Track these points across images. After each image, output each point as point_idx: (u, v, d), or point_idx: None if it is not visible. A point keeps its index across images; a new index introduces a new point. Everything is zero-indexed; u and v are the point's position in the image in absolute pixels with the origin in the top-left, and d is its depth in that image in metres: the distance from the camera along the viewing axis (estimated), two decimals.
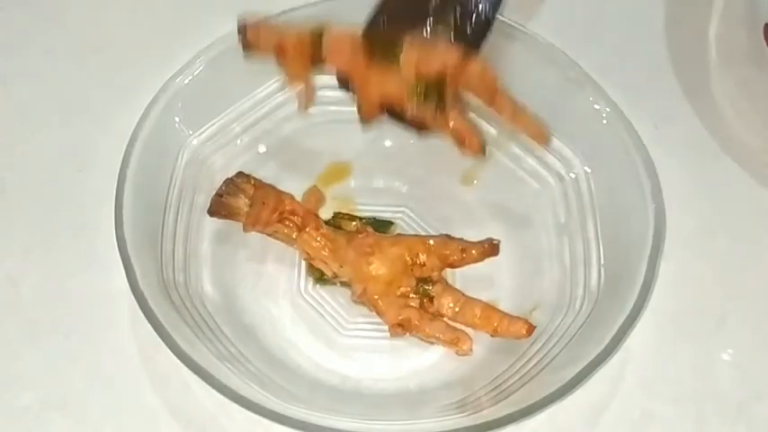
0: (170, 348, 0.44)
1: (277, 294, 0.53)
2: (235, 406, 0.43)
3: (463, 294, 0.51)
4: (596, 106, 0.52)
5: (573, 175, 0.54)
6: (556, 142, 0.54)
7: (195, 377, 0.44)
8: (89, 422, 0.49)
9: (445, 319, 0.51)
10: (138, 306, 0.45)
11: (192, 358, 0.44)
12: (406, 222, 0.56)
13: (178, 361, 0.44)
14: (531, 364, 0.48)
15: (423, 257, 0.51)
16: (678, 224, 0.52)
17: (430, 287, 0.51)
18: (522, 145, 0.56)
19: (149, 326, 0.45)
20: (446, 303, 0.51)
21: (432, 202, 0.56)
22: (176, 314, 0.48)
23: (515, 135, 0.56)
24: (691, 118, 0.60)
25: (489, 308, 0.51)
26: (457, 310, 0.50)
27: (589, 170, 0.53)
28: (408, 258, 0.51)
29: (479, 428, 0.43)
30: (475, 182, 0.57)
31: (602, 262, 0.51)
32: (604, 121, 0.52)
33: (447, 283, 0.52)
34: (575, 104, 0.53)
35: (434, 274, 0.51)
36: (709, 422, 0.50)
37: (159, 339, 0.44)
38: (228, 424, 0.49)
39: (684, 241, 0.54)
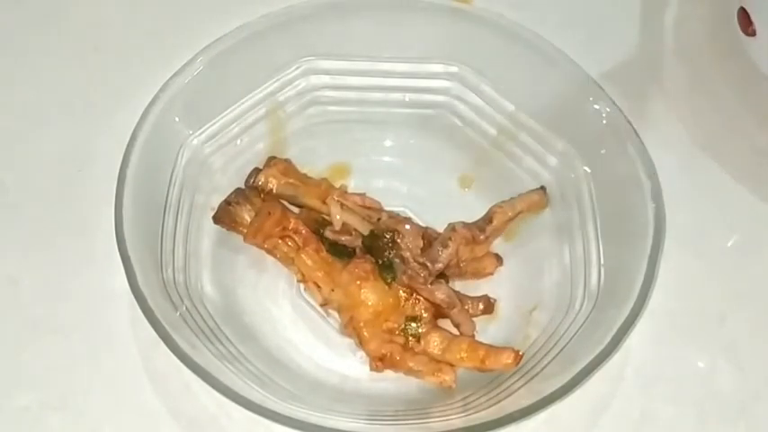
0: (170, 348, 0.44)
1: (277, 294, 0.53)
2: (234, 406, 0.43)
3: (450, 332, 0.51)
4: (596, 106, 0.52)
5: (573, 176, 0.54)
6: (556, 142, 0.54)
7: (195, 377, 0.44)
8: (89, 422, 0.49)
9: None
10: (137, 306, 0.45)
11: (192, 358, 0.44)
12: None
13: (178, 361, 0.44)
14: (531, 364, 0.48)
15: (417, 296, 0.51)
16: (678, 224, 0.52)
17: (418, 326, 0.50)
18: (523, 145, 0.56)
19: (149, 326, 0.45)
20: (432, 341, 0.50)
21: (432, 202, 0.56)
22: (176, 314, 0.47)
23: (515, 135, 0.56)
24: (690, 117, 0.60)
25: (475, 342, 0.50)
26: (443, 347, 0.49)
27: (589, 170, 0.53)
28: (403, 294, 0.50)
29: (479, 428, 0.43)
30: (466, 189, 0.57)
31: (602, 262, 0.51)
32: (604, 122, 0.52)
33: (435, 323, 0.51)
34: (575, 104, 0.53)
35: (425, 315, 0.50)
36: (709, 422, 0.50)
37: (159, 339, 0.44)
38: (228, 424, 0.49)
39: (684, 241, 0.54)
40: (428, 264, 0.50)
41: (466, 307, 0.52)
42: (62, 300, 0.53)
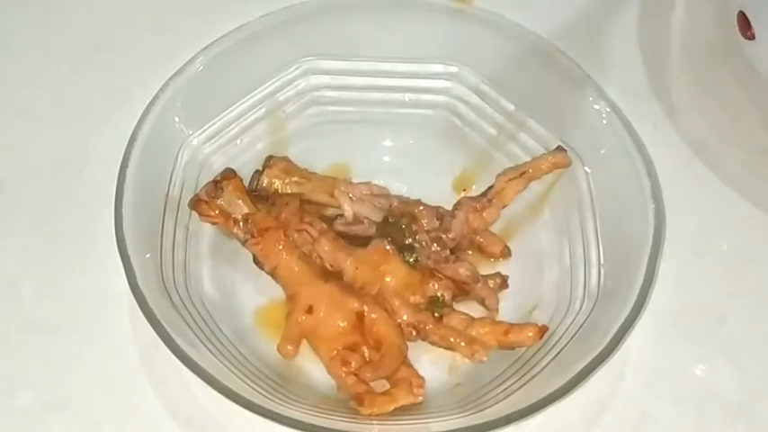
0: (170, 349, 0.44)
1: (277, 296, 0.53)
2: (234, 406, 0.43)
3: (469, 316, 0.51)
4: (596, 106, 0.52)
5: (573, 176, 0.54)
6: (556, 142, 0.54)
7: (195, 377, 0.44)
8: (89, 422, 0.49)
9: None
10: (137, 306, 0.45)
11: (192, 358, 0.44)
12: None
13: (178, 361, 0.44)
14: (531, 365, 0.48)
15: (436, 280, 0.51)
16: (678, 224, 0.52)
17: (441, 301, 0.51)
18: (522, 145, 0.56)
19: (149, 326, 0.45)
20: (455, 320, 0.50)
21: (431, 203, 0.56)
22: (176, 314, 0.48)
23: (514, 135, 0.56)
24: (691, 117, 0.60)
25: (498, 321, 0.51)
26: (465, 326, 0.50)
27: (589, 170, 0.53)
28: (423, 278, 0.51)
29: (479, 428, 0.43)
30: (466, 190, 0.57)
31: (601, 262, 0.51)
32: (604, 121, 0.52)
33: (452, 307, 0.51)
34: (574, 104, 0.53)
35: (447, 298, 0.51)
36: (709, 422, 0.50)
37: (159, 340, 0.44)
38: (228, 424, 0.49)
39: (684, 241, 0.54)
40: (442, 235, 0.51)
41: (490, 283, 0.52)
42: (62, 300, 0.53)
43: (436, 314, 0.51)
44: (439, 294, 0.51)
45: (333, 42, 0.56)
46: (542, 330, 0.49)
